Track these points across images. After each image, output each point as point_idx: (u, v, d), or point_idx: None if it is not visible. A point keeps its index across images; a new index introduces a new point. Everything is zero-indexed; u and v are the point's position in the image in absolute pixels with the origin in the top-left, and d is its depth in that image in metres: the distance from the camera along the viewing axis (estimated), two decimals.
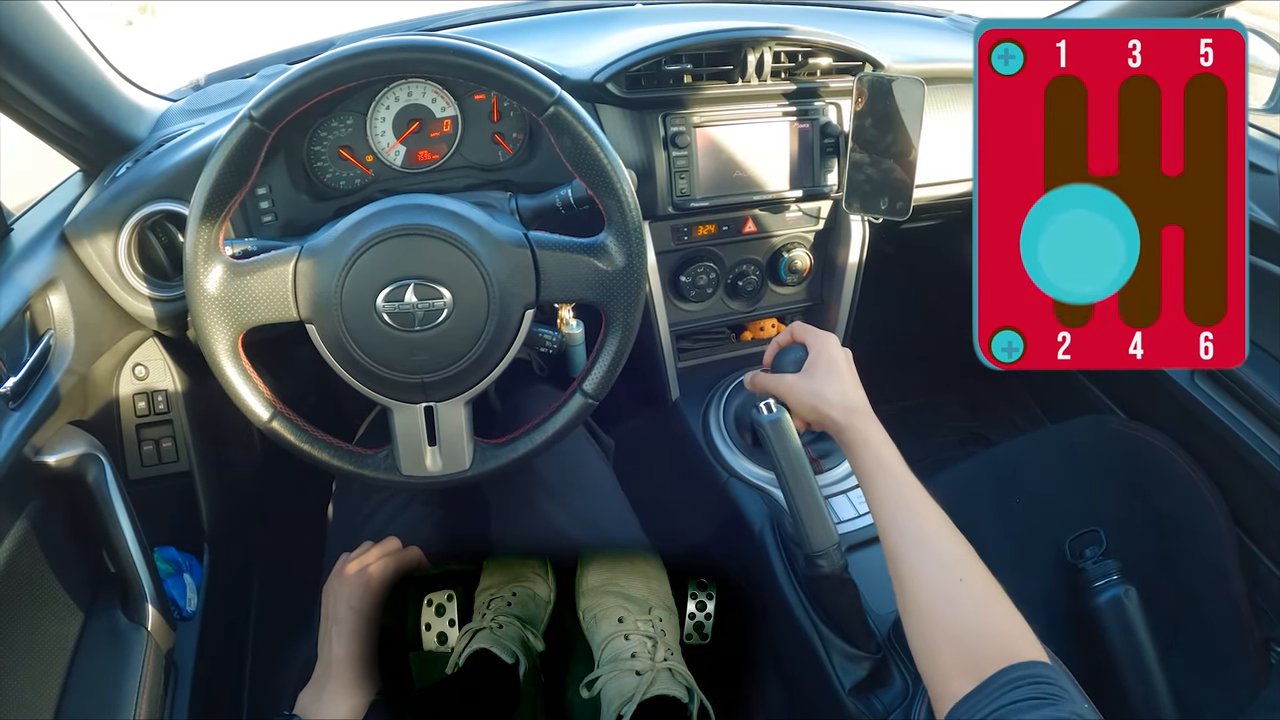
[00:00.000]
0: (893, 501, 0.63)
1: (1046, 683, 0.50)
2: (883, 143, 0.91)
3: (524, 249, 0.69)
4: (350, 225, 0.68)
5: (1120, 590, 0.96)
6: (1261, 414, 0.99)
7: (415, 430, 0.72)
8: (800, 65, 0.96)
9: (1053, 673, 0.51)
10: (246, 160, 0.66)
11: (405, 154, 0.91)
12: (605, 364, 0.73)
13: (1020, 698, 0.48)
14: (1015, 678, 0.50)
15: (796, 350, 0.76)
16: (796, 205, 1.02)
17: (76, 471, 0.79)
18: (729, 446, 0.97)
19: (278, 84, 0.65)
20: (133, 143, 0.90)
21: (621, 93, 0.90)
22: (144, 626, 0.81)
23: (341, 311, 0.67)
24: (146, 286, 0.83)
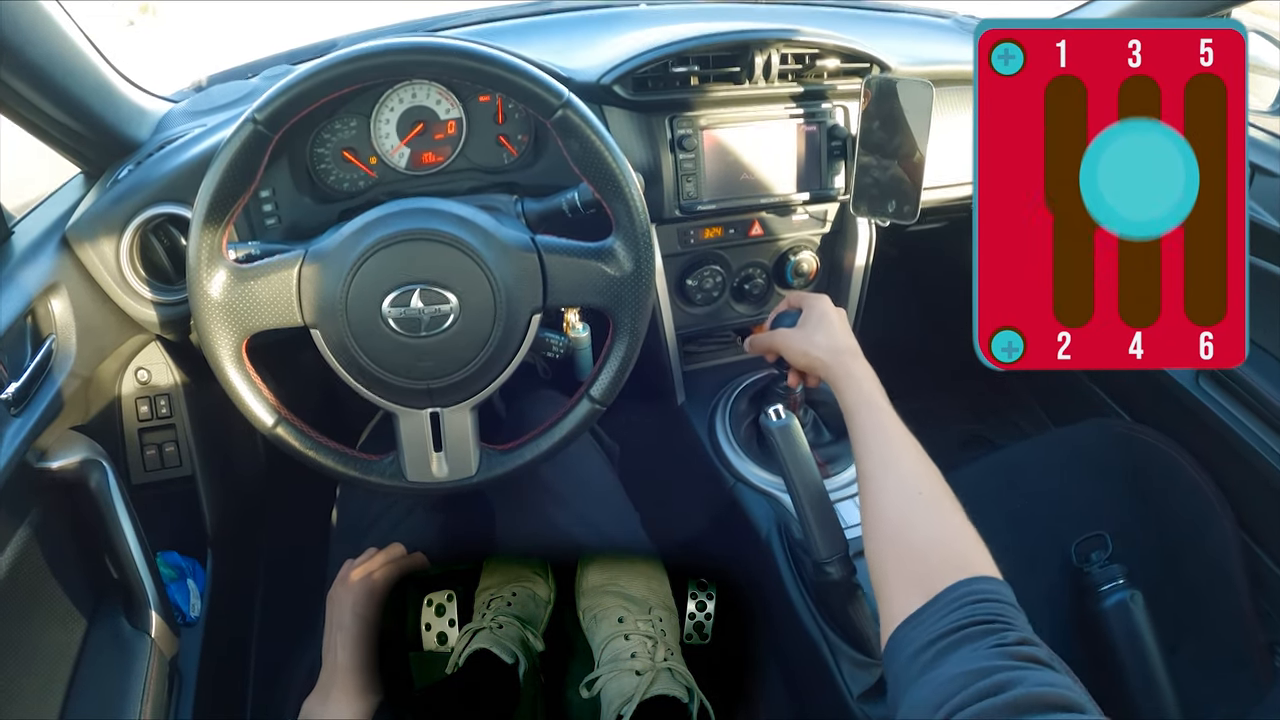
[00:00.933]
0: (870, 430, 0.66)
1: (996, 601, 0.49)
2: (890, 145, 0.91)
3: (531, 253, 0.69)
4: (355, 230, 0.68)
5: (1126, 595, 0.95)
6: (1266, 416, 0.99)
7: (421, 436, 0.72)
8: (807, 67, 0.95)
9: (1003, 588, 0.51)
10: (250, 164, 0.66)
11: (409, 156, 0.90)
12: (613, 370, 0.72)
13: (967, 618, 0.47)
14: (965, 593, 0.49)
15: (793, 314, 0.81)
16: (803, 208, 1.01)
17: (79, 477, 0.78)
18: (735, 451, 0.96)
19: (282, 86, 0.64)
20: (134, 145, 0.89)
21: (628, 95, 0.90)
22: (147, 633, 0.80)
23: (347, 317, 0.67)
24: (149, 290, 0.83)
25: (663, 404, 1.07)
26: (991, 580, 0.51)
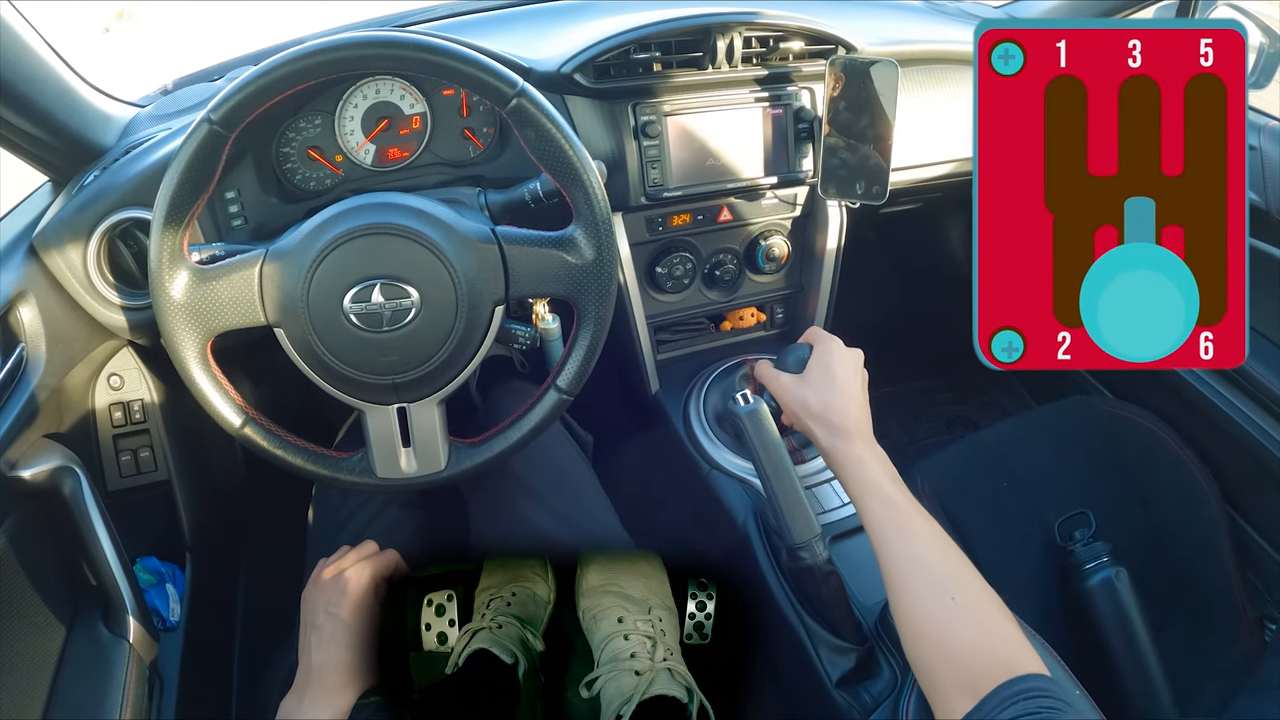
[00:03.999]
0: (883, 523, 0.62)
1: (1045, 695, 0.49)
2: (857, 126, 0.90)
3: (491, 245, 0.68)
4: (314, 227, 0.67)
5: (1111, 572, 0.95)
6: (1249, 390, 0.99)
7: (389, 432, 0.72)
8: (771, 50, 0.94)
9: (1051, 684, 0.51)
10: (207, 165, 0.65)
11: (375, 152, 0.90)
12: (579, 358, 0.72)
13: (1019, 714, 0.48)
14: (1014, 693, 0.50)
15: (804, 349, 0.74)
16: (772, 192, 1.01)
17: (52, 485, 0.78)
18: (710, 439, 0.96)
19: (235, 86, 0.64)
20: (100, 150, 0.89)
21: (590, 83, 0.89)
22: (125, 639, 0.80)
23: (309, 314, 0.67)
24: (117, 295, 0.82)
25: (637, 394, 1.06)
26: (1039, 677, 0.51)
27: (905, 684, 0.69)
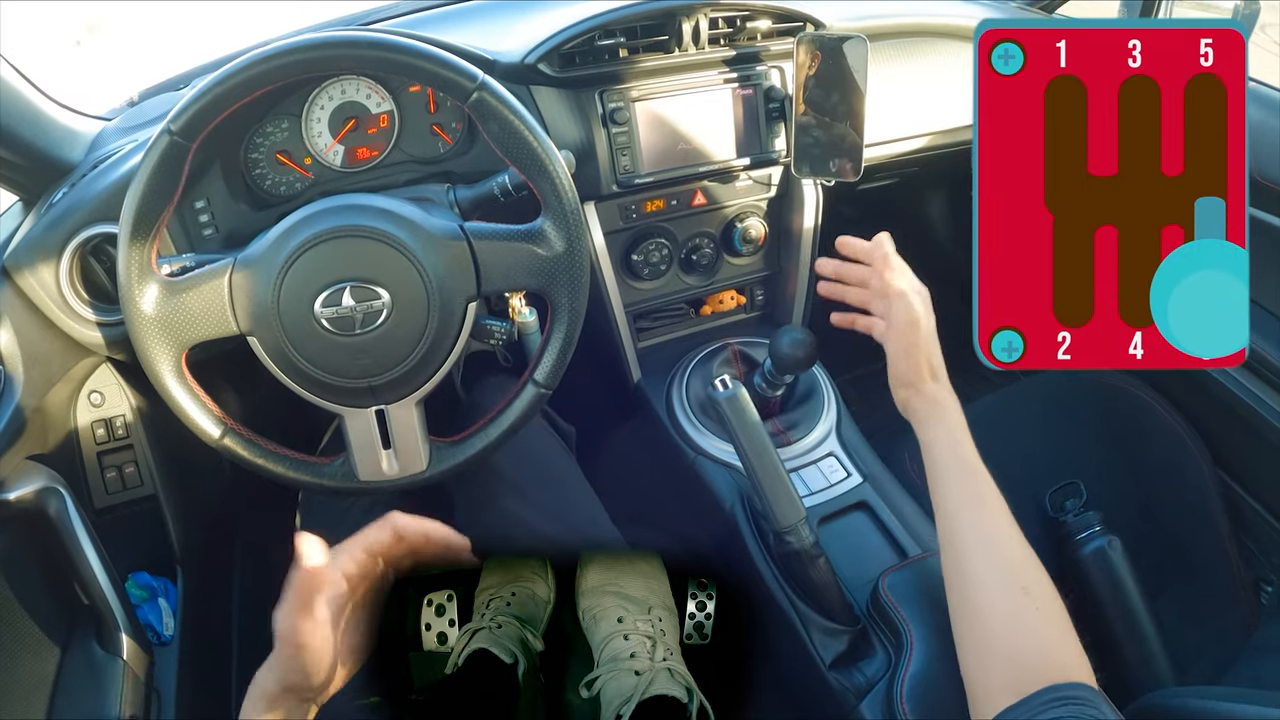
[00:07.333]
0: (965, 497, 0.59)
1: (1087, 705, 0.48)
2: (828, 103, 0.89)
3: (460, 241, 0.68)
4: (281, 233, 0.67)
5: (1104, 541, 0.94)
6: None
7: (368, 435, 0.72)
8: (738, 30, 0.93)
9: (1097, 697, 0.49)
10: (170, 176, 0.65)
11: (344, 153, 0.89)
12: (555, 351, 0.72)
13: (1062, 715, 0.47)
14: (1060, 696, 0.48)
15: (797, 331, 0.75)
16: (746, 174, 1.00)
17: (38, 506, 0.78)
18: (694, 425, 0.95)
19: (193, 94, 0.64)
20: (68, 167, 0.88)
21: (555, 72, 0.88)
22: (120, 656, 0.80)
23: (280, 321, 0.66)
24: (92, 312, 0.82)
25: (619, 383, 1.06)
26: (1086, 688, 0.50)
27: (900, 663, 0.69)
